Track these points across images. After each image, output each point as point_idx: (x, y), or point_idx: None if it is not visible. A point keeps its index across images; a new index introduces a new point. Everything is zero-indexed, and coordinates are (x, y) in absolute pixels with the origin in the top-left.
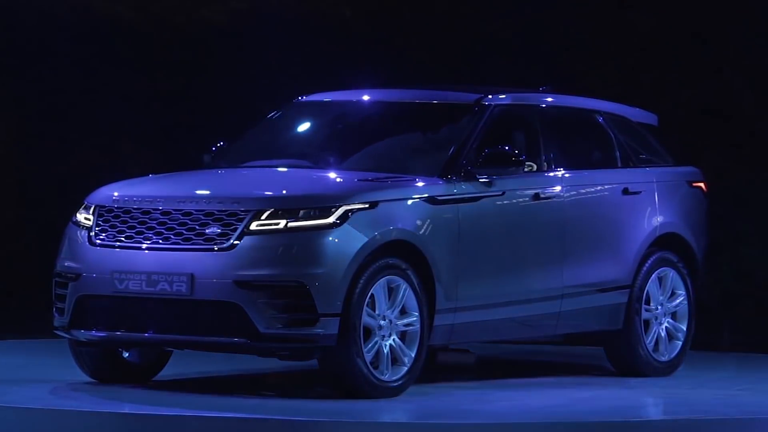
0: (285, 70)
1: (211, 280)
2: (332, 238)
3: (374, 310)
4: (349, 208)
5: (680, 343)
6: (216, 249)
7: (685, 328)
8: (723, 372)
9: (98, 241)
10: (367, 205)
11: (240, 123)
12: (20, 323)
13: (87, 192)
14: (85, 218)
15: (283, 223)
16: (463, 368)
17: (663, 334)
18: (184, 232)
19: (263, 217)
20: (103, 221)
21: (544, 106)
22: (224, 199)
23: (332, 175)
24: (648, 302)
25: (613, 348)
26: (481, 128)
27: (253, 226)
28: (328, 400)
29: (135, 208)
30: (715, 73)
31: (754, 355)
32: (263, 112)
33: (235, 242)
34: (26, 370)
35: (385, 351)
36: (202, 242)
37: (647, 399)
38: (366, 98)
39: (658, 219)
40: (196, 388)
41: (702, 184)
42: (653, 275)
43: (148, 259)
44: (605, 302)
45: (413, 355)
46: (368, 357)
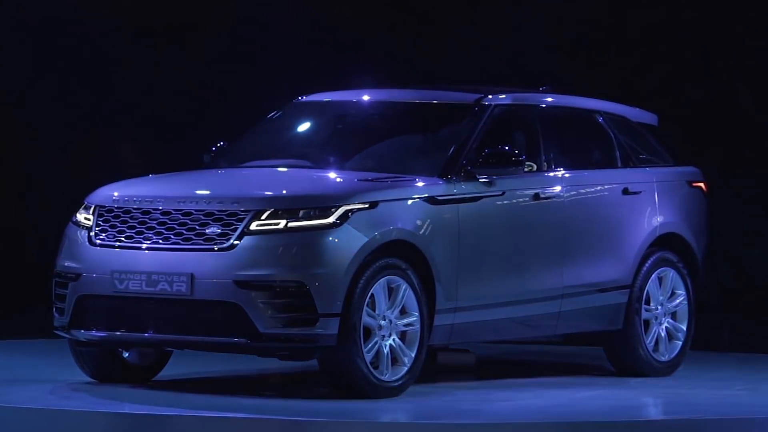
0: (285, 70)
1: (211, 280)
2: (332, 238)
3: (374, 310)
4: (349, 208)
5: (680, 343)
6: (216, 249)
7: (685, 328)
8: (723, 372)
9: (98, 241)
10: (367, 205)
11: (240, 123)
12: (20, 323)
13: (87, 192)
14: (85, 218)
15: (283, 223)
16: (463, 368)
17: (663, 334)
18: (184, 232)
19: (263, 217)
20: (103, 221)
21: (544, 106)
22: (224, 199)
23: (332, 175)
24: (648, 302)
25: (613, 348)
26: (481, 128)
27: (253, 226)
28: (328, 400)
29: (135, 208)
30: (716, 73)
31: (754, 355)
32: (263, 112)
33: (235, 242)
34: (26, 370)
35: (385, 351)
36: (202, 242)
37: (647, 399)
38: (366, 98)
39: (658, 219)
40: (196, 388)
41: (702, 184)
42: (653, 275)
43: (148, 259)
44: (605, 302)
45: (413, 355)
46: (368, 357)
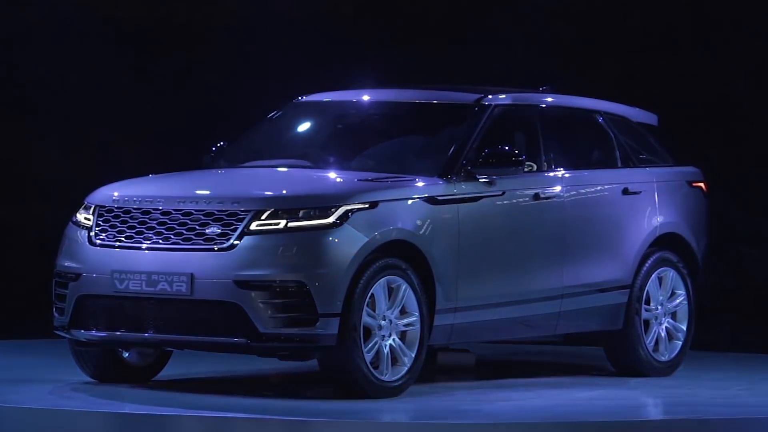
0: (285, 70)
1: (211, 280)
2: (332, 238)
3: (374, 310)
4: (349, 208)
5: (680, 343)
6: (216, 249)
7: (685, 328)
8: (723, 372)
9: (98, 241)
10: (367, 205)
11: (240, 123)
12: (20, 323)
13: (87, 192)
14: (85, 218)
15: (283, 223)
16: (463, 368)
17: (663, 334)
18: (184, 232)
19: (263, 217)
20: (103, 221)
21: (544, 106)
22: (224, 199)
23: (332, 175)
24: (648, 302)
25: (613, 348)
26: (481, 128)
27: (253, 226)
28: (328, 400)
29: (135, 208)
30: (716, 73)
31: (754, 355)
32: (263, 112)
33: (235, 242)
34: (26, 370)
35: (385, 351)
36: (202, 242)
37: (647, 399)
38: (366, 98)
39: (658, 219)
40: (196, 388)
41: (702, 184)
42: (653, 275)
43: (148, 259)
44: (605, 302)
45: (413, 355)
46: (368, 357)
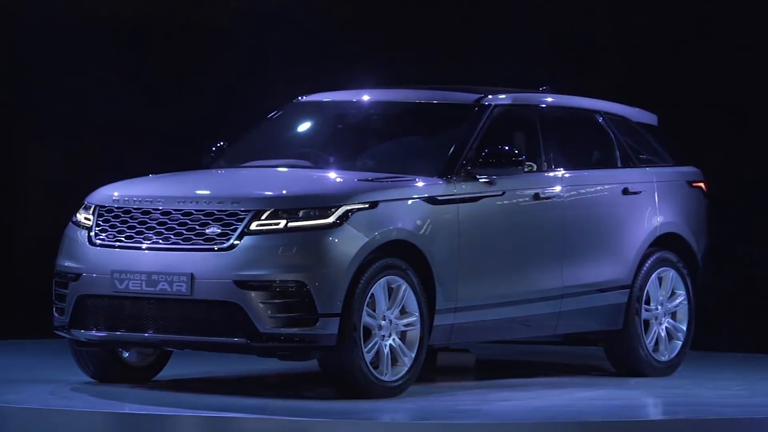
0: (285, 70)
1: (211, 280)
2: (332, 238)
3: (374, 310)
4: (349, 208)
5: (680, 343)
6: (216, 249)
7: (685, 328)
8: (723, 372)
9: (98, 241)
10: (367, 205)
11: (240, 123)
12: (20, 323)
13: (87, 192)
14: (85, 218)
15: (283, 223)
16: (463, 368)
17: (663, 334)
18: (184, 232)
19: (263, 217)
20: (103, 221)
21: (544, 106)
22: (224, 199)
23: (332, 175)
24: (648, 302)
25: (613, 348)
26: (481, 128)
27: (253, 226)
28: (328, 400)
29: (135, 208)
30: (716, 73)
31: (754, 355)
32: (263, 112)
33: (235, 242)
34: (26, 370)
35: (385, 351)
36: (202, 242)
37: (647, 399)
38: (366, 98)
39: (658, 219)
40: (196, 388)
41: (702, 184)
42: (653, 275)
43: (148, 259)
44: (605, 302)
45: (413, 355)
46: (368, 357)
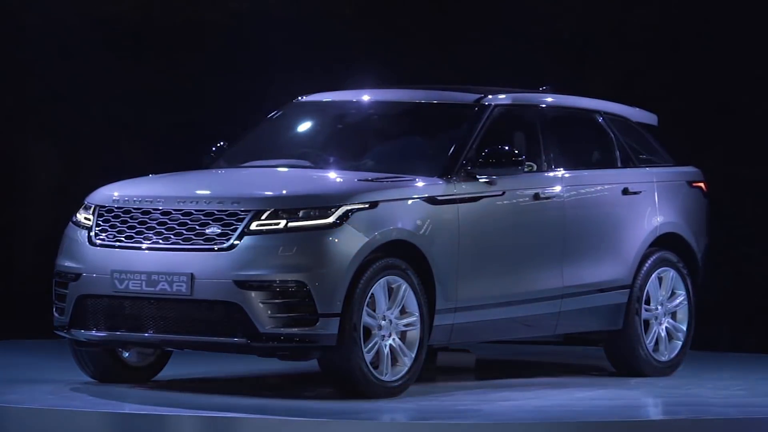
0: (285, 70)
1: (211, 280)
2: (332, 238)
3: (374, 310)
4: (349, 208)
5: (680, 343)
6: (216, 249)
7: (685, 328)
8: (723, 372)
9: (98, 241)
10: (367, 205)
11: (240, 123)
12: (20, 323)
13: (87, 192)
14: (85, 218)
15: (283, 223)
16: (463, 368)
17: (663, 334)
18: (184, 232)
19: (263, 217)
20: (103, 221)
21: (544, 106)
22: (224, 199)
23: (332, 175)
24: (648, 302)
25: (613, 348)
26: (481, 128)
27: (253, 226)
28: (328, 400)
29: (135, 208)
30: (716, 73)
31: (754, 355)
32: (263, 112)
33: (235, 242)
34: (26, 370)
35: (385, 351)
36: (202, 242)
37: (647, 399)
38: (366, 98)
39: (658, 219)
40: (196, 388)
41: (702, 184)
42: (653, 275)
43: (148, 259)
44: (605, 302)
45: (413, 355)
46: (368, 357)
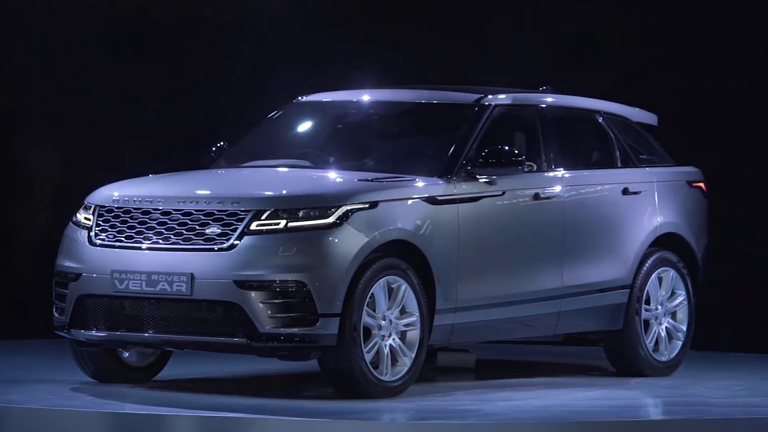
0: (285, 70)
1: (211, 280)
2: (332, 238)
3: (374, 310)
4: (349, 208)
5: (680, 343)
6: (216, 249)
7: (685, 328)
8: (723, 372)
9: (98, 241)
10: (367, 205)
11: (240, 123)
12: (20, 323)
13: (87, 192)
14: (85, 218)
15: (283, 223)
16: (463, 368)
17: (663, 334)
18: (184, 232)
19: (263, 217)
20: (103, 221)
21: (544, 106)
22: (224, 199)
23: (332, 175)
24: (648, 302)
25: (613, 348)
26: (481, 128)
27: (253, 226)
28: (328, 400)
29: (135, 208)
30: (716, 73)
31: (754, 355)
32: (263, 112)
33: (235, 242)
34: (26, 370)
35: (385, 351)
36: (202, 242)
37: (647, 399)
38: (366, 98)
39: (658, 219)
40: (196, 388)
41: (702, 184)
42: (653, 275)
43: (148, 259)
44: (605, 302)
45: (413, 355)
46: (368, 357)
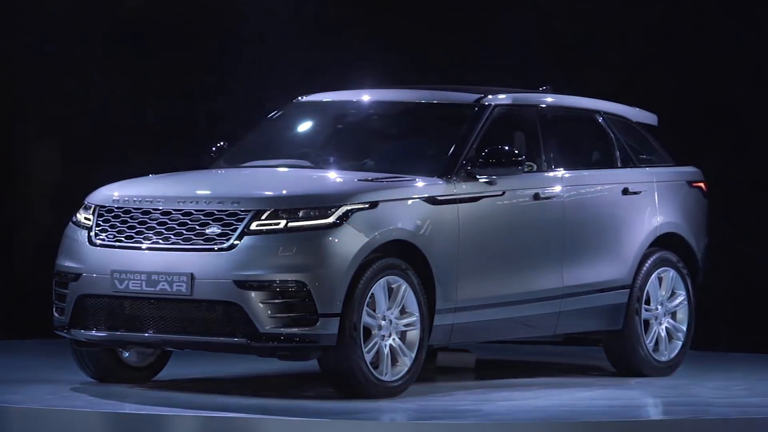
0: (285, 70)
1: (211, 280)
2: (332, 238)
3: (374, 310)
4: (349, 208)
5: (680, 343)
6: (216, 249)
7: (685, 328)
8: (723, 372)
9: (98, 241)
10: (367, 205)
11: (240, 123)
12: (20, 323)
13: (87, 192)
14: (85, 218)
15: (283, 223)
16: (463, 368)
17: (663, 334)
18: (184, 232)
19: (263, 217)
20: (103, 221)
21: (544, 106)
22: (224, 199)
23: (332, 175)
24: (648, 302)
25: (613, 348)
26: (481, 128)
27: (253, 226)
28: (328, 400)
29: (135, 208)
30: (715, 73)
31: (754, 355)
32: (263, 112)
33: (235, 242)
34: (26, 370)
35: (385, 351)
36: (202, 242)
37: (647, 399)
38: (366, 98)
39: (658, 219)
40: (196, 388)
41: (702, 184)
42: (653, 275)
43: (148, 258)
44: (605, 302)
45: (413, 355)
46: (368, 357)
